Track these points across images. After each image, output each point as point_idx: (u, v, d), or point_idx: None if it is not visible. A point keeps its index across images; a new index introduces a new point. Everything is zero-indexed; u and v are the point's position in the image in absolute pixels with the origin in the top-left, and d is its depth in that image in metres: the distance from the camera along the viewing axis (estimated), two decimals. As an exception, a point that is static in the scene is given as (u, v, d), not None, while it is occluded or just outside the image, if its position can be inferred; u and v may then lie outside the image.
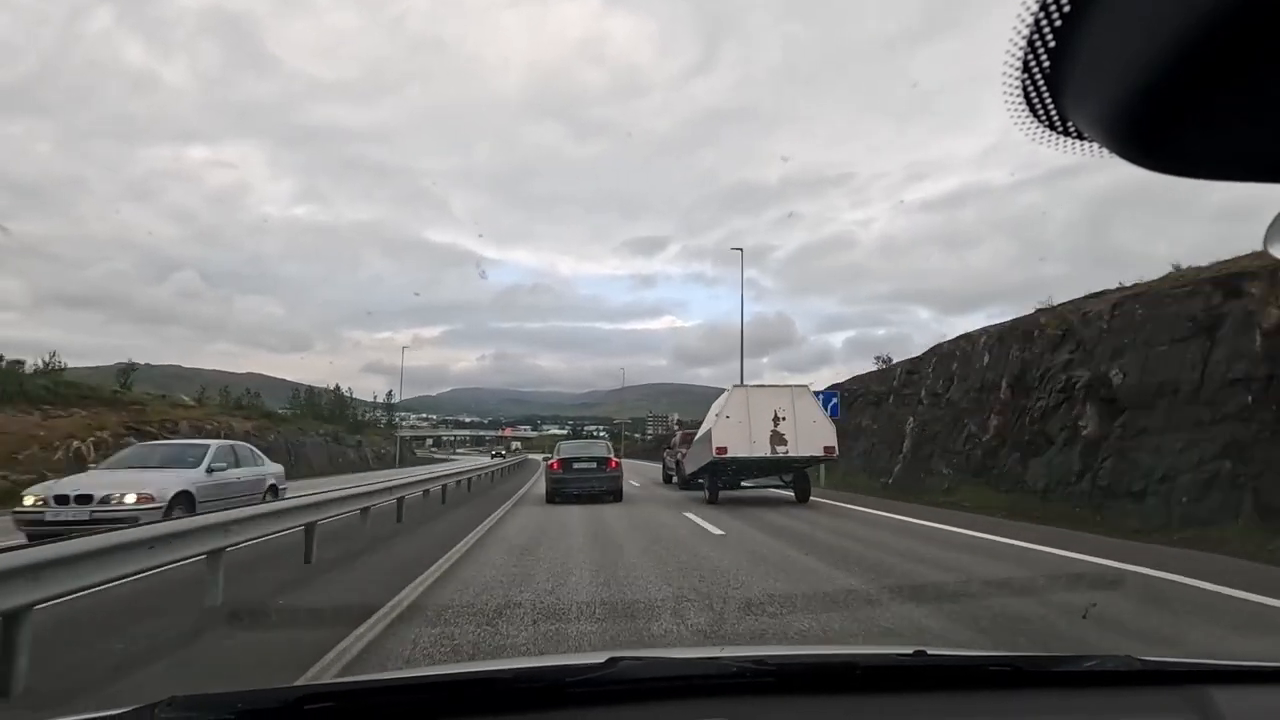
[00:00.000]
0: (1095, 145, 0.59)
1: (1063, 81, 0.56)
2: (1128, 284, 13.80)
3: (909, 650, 1.46)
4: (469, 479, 19.04)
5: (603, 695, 1.31)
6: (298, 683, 3.34)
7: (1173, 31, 0.47)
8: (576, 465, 16.18)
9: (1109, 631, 4.64)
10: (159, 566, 4.95)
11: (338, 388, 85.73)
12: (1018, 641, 4.37)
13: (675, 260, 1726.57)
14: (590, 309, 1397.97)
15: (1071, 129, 0.59)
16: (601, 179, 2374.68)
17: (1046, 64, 0.55)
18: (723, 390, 16.41)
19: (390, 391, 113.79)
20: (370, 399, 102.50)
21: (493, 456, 50.04)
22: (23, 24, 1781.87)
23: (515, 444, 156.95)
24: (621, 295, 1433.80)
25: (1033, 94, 0.58)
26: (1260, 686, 1.41)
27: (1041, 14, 0.52)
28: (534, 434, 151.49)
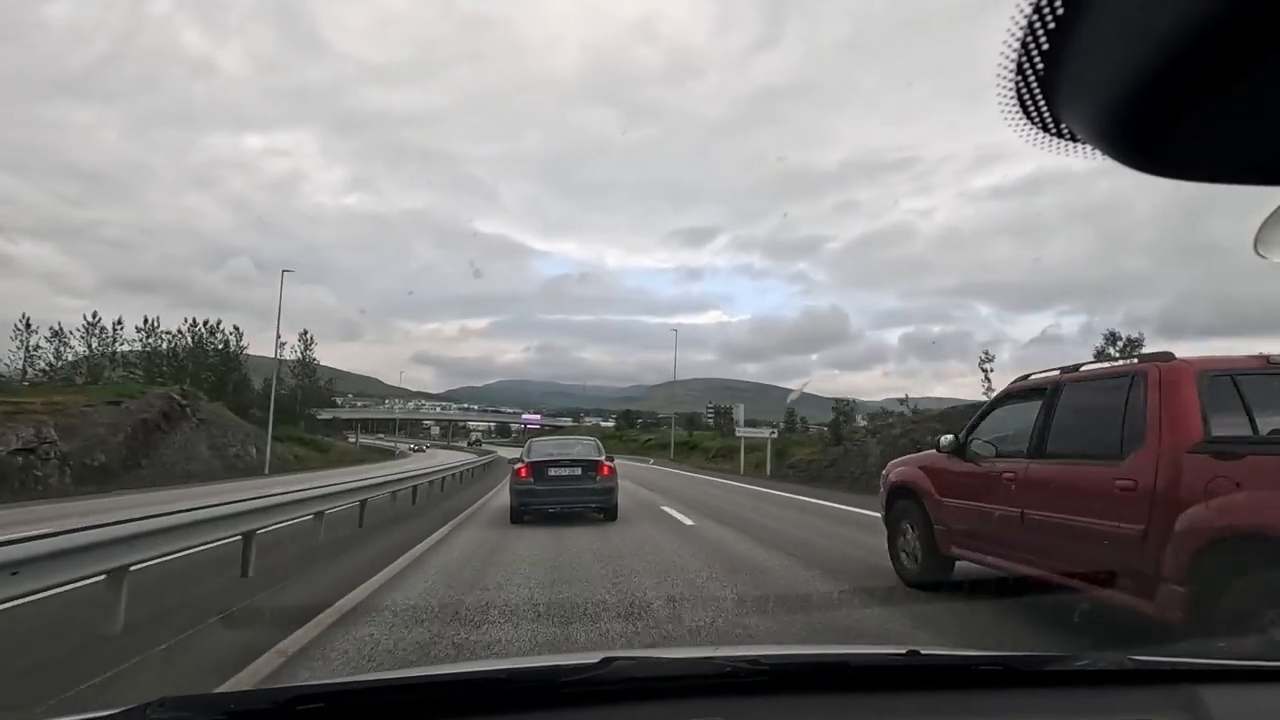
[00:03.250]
0: (1088, 148, 0.60)
1: (1056, 84, 0.56)
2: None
3: (902, 650, 1.48)
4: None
5: (597, 695, 1.33)
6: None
7: (1163, 35, 0.48)
8: (553, 472, 11.83)
9: None
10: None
11: (216, 325, 59.23)
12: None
13: (724, 251, 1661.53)
14: (636, 302, 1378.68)
15: (1065, 131, 0.60)
16: (651, 166, 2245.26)
17: (1040, 66, 0.55)
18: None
19: (305, 333, 72.11)
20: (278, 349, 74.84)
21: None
22: (91, 9, 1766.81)
23: (475, 435, 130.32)
24: (668, 288, 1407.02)
25: (1026, 97, 0.58)
26: (1250, 685, 1.43)
27: (1035, 16, 0.53)
28: (573, 424, 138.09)
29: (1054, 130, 0.60)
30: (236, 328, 65.62)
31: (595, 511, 11.76)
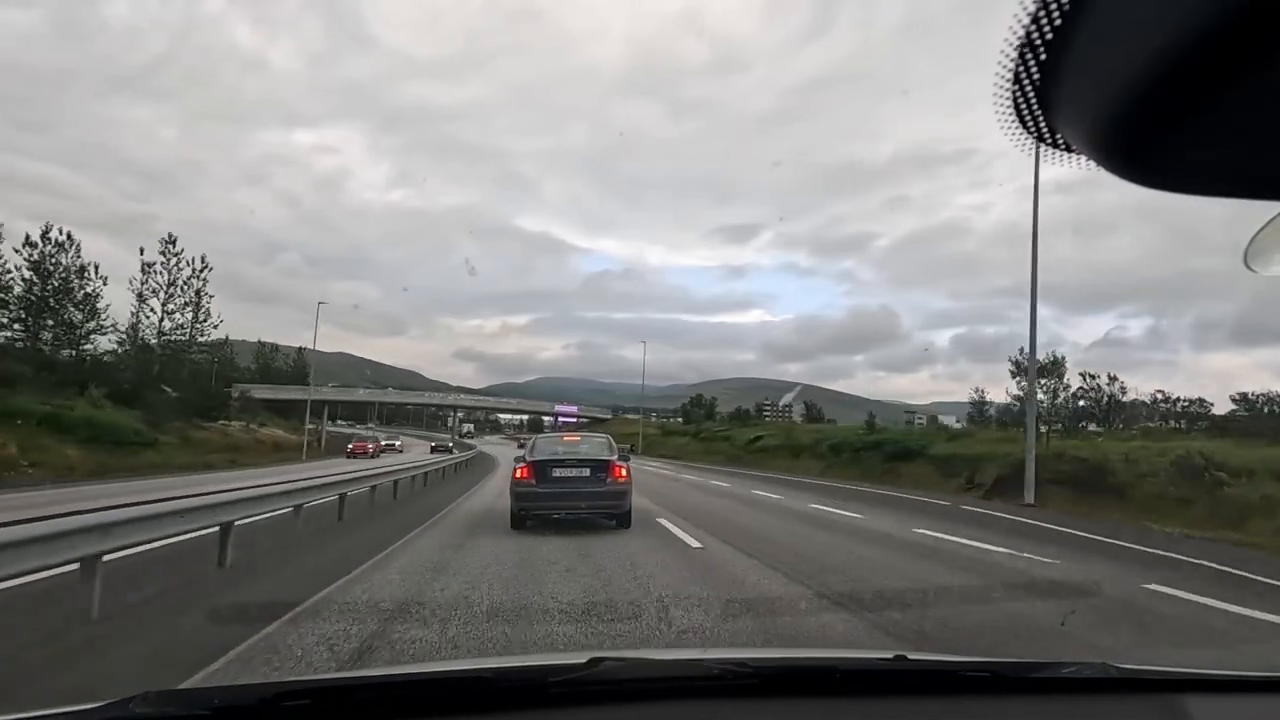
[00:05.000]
0: (1083, 159, 0.60)
1: (1052, 96, 0.57)
2: None
3: (889, 655, 1.48)
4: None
5: (584, 695, 1.32)
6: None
7: (1158, 50, 0.48)
8: (557, 472, 10.41)
9: None
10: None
11: (60, 235, 37.17)
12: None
13: (767, 248, 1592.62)
14: (677, 300, 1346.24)
15: (1060, 142, 0.61)
16: (695, 161, 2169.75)
17: (1037, 77, 0.56)
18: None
19: (171, 239, 45.36)
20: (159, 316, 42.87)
21: None
22: (149, 7, 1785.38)
23: (467, 427, 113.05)
24: (710, 286, 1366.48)
25: (1023, 107, 0.59)
26: (1234, 695, 1.44)
27: (1033, 27, 0.53)
28: (609, 418, 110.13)
29: (1050, 141, 0.61)
30: (68, 233, 38.48)
31: (605, 518, 10.42)
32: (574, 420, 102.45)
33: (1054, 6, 0.52)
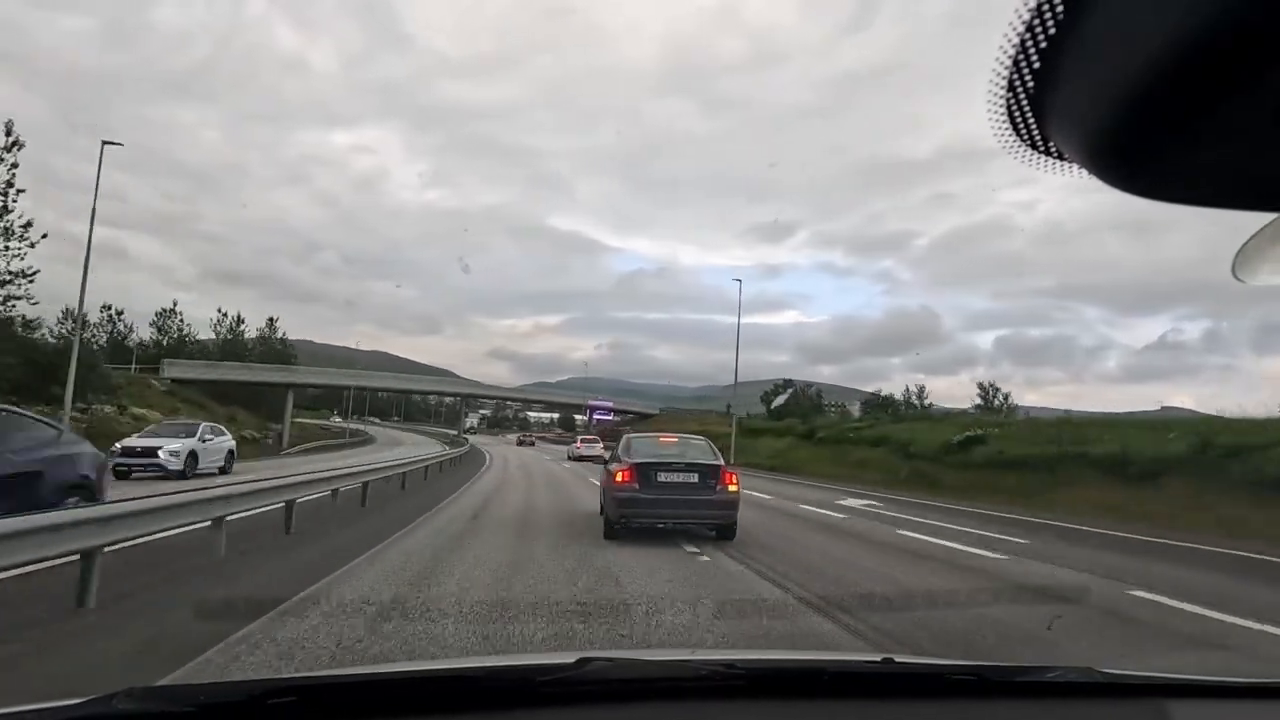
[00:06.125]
0: (1075, 167, 0.61)
1: (1045, 104, 0.58)
2: None
3: (877, 658, 1.51)
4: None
5: (573, 695, 1.33)
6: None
7: (1152, 61, 0.49)
8: (663, 477, 9.42)
9: None
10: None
11: None
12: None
13: (803, 247, 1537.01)
14: (711, 300, 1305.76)
15: (1053, 150, 0.61)
16: (729, 159, 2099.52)
17: (1030, 85, 0.57)
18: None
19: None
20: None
21: None
22: (195, 11, 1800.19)
23: (470, 423, 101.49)
24: (744, 286, 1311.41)
25: (1016, 114, 0.59)
26: (1218, 701, 1.45)
27: (1027, 34, 0.54)
28: (656, 413, 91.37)
29: (1042, 148, 0.61)
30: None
31: (709, 529, 9.56)
32: (610, 418, 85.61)
33: (1048, 14, 0.52)
